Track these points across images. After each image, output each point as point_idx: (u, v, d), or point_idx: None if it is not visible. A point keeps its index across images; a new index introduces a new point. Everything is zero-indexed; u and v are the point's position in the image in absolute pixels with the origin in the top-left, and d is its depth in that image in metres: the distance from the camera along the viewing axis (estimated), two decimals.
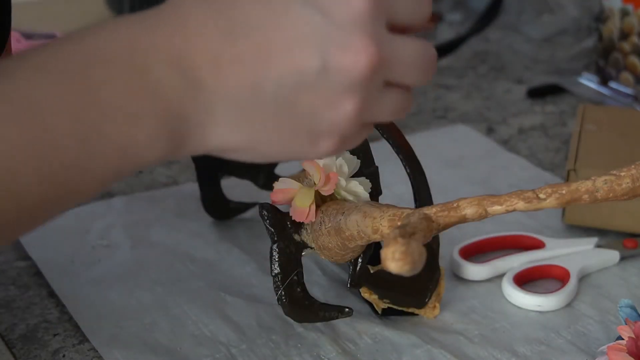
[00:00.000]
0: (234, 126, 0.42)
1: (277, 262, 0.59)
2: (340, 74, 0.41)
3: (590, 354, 0.60)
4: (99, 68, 0.39)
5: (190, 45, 0.40)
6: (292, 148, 0.44)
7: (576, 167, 0.73)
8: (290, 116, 0.42)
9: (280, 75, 0.41)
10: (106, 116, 0.39)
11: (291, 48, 0.41)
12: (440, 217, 0.51)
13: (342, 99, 0.42)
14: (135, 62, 0.40)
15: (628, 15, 0.99)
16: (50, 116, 0.38)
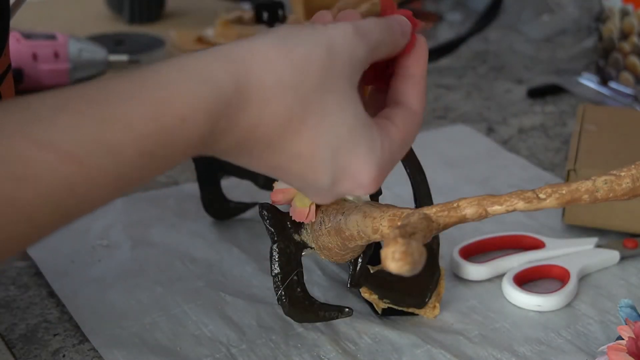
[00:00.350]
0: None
1: (277, 262, 0.59)
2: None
3: (590, 354, 0.60)
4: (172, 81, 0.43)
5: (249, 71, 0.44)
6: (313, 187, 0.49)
7: (576, 167, 0.73)
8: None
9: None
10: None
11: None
12: (440, 217, 0.51)
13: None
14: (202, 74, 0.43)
15: (628, 15, 0.99)
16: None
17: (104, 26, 1.18)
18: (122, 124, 0.40)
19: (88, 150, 0.40)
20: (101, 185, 0.41)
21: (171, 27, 1.17)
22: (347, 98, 0.46)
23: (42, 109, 0.40)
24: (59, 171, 0.39)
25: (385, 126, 0.49)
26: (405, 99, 0.51)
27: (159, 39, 1.14)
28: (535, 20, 1.20)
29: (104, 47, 1.03)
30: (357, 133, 0.47)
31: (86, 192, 0.41)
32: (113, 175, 0.41)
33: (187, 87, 0.42)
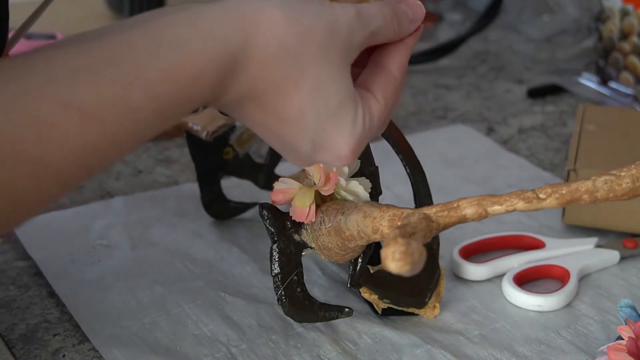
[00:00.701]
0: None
1: (277, 262, 0.59)
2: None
3: (590, 354, 0.60)
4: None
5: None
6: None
7: (576, 167, 0.73)
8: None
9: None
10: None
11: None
12: (440, 217, 0.51)
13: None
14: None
15: (628, 15, 0.99)
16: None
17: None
18: (140, 84, 0.42)
19: (110, 111, 0.41)
20: (121, 143, 0.43)
21: None
22: (341, 74, 0.48)
23: (64, 69, 0.41)
24: (84, 131, 0.41)
25: (366, 99, 0.50)
26: (387, 64, 0.51)
27: None
28: (535, 20, 1.20)
29: None
30: (345, 107, 0.48)
31: (108, 150, 0.43)
32: (132, 133, 0.43)
33: (200, 45, 0.44)
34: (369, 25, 0.49)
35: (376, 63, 0.51)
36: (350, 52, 0.48)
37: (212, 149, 0.72)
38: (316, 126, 0.48)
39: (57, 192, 0.42)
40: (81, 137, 0.41)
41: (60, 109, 0.40)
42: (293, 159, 0.51)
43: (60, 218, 0.76)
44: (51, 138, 0.40)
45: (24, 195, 0.41)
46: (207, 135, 0.71)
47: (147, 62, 0.43)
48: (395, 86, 0.51)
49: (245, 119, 0.49)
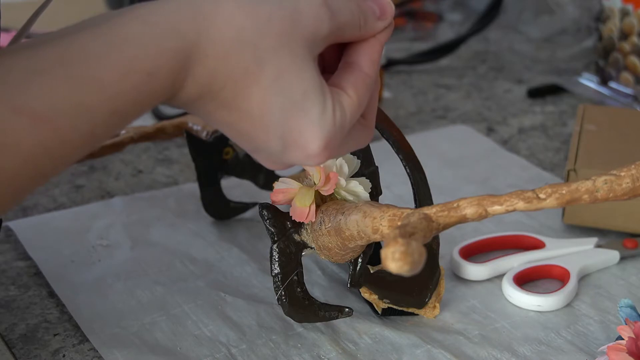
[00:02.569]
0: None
1: (277, 262, 0.59)
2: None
3: (590, 354, 0.60)
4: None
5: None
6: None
7: (576, 167, 0.73)
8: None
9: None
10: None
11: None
12: (440, 217, 0.51)
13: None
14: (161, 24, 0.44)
15: (628, 15, 0.99)
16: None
17: None
18: (94, 85, 0.41)
19: (63, 114, 0.41)
20: (75, 145, 0.42)
21: None
22: (304, 64, 0.46)
23: (15, 72, 0.40)
24: (36, 136, 0.40)
25: (336, 95, 0.48)
26: (358, 62, 0.49)
27: None
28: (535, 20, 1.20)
29: None
30: (310, 99, 0.46)
31: (61, 153, 0.42)
32: (86, 135, 0.42)
33: (153, 41, 0.42)
34: (336, 17, 0.47)
35: (346, 61, 0.50)
36: (315, 43, 0.46)
37: (212, 149, 0.72)
38: (281, 121, 0.46)
39: (10, 199, 0.42)
40: (34, 141, 0.40)
41: (11, 114, 0.39)
42: (264, 160, 0.50)
43: (60, 218, 0.76)
44: (3, 144, 0.39)
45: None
46: (207, 135, 0.71)
47: (100, 62, 0.41)
48: (366, 82, 0.49)
49: (209, 118, 0.47)
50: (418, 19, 1.30)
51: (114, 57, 0.42)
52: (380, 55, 0.50)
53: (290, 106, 0.46)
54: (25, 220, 0.75)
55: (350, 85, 0.48)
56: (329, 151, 0.48)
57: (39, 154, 0.40)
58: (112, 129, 0.43)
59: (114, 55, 0.42)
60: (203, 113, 0.47)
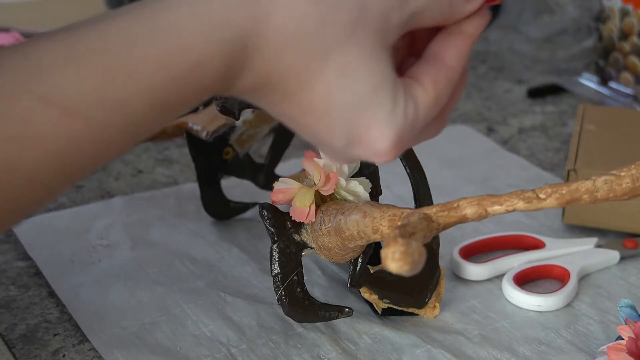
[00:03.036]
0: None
1: (277, 262, 0.59)
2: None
3: (590, 354, 0.60)
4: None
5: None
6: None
7: (576, 167, 0.73)
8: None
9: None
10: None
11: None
12: (440, 217, 0.51)
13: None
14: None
15: (628, 15, 0.99)
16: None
17: None
18: (130, 75, 0.38)
19: (93, 106, 0.38)
20: (109, 141, 0.39)
21: None
22: (373, 57, 0.42)
23: (43, 62, 0.38)
24: (64, 129, 0.37)
25: (411, 88, 0.44)
26: (444, 54, 0.45)
27: None
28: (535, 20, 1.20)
29: None
30: (379, 95, 0.42)
31: (94, 149, 0.39)
32: (122, 130, 0.39)
33: (202, 31, 0.39)
34: (409, 4, 0.42)
35: (430, 52, 0.46)
36: (386, 33, 0.42)
37: (212, 149, 0.72)
38: (347, 117, 0.42)
39: (41, 195, 0.39)
40: (61, 135, 0.37)
41: (37, 105, 0.37)
42: (329, 154, 0.46)
43: (60, 218, 0.76)
44: (25, 137, 0.37)
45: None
46: (207, 135, 0.71)
47: (138, 50, 0.38)
48: (449, 77, 0.45)
49: (270, 110, 0.44)
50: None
51: (155, 46, 0.38)
52: (471, 49, 0.46)
53: (357, 103, 0.42)
54: (25, 220, 0.75)
55: (430, 79, 0.45)
56: (399, 149, 0.44)
57: (69, 149, 0.38)
58: (154, 124, 0.40)
59: (155, 44, 0.38)
60: (263, 104, 0.44)
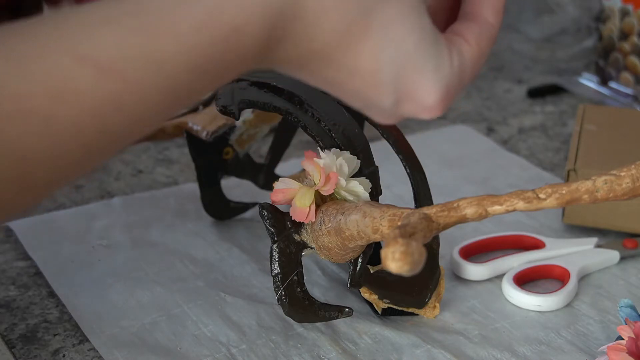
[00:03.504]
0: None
1: (277, 262, 0.59)
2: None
3: (590, 354, 0.60)
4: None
5: None
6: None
7: (576, 167, 0.73)
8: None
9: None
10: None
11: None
12: (440, 217, 0.51)
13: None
14: None
15: (628, 15, 0.99)
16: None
17: None
18: (168, 35, 0.38)
19: (131, 65, 0.38)
20: (149, 101, 0.39)
21: None
22: (415, 12, 0.42)
23: (82, 23, 0.38)
24: (101, 86, 0.38)
25: (455, 42, 0.45)
26: (480, 12, 0.46)
27: None
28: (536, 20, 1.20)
29: None
30: (424, 49, 0.43)
31: (133, 108, 0.39)
32: (161, 90, 0.39)
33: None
34: None
35: (467, 12, 0.46)
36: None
37: (212, 149, 0.72)
38: (394, 74, 0.42)
39: (81, 154, 0.39)
40: (98, 92, 0.37)
41: (74, 63, 0.37)
42: (377, 115, 0.46)
43: (60, 218, 0.76)
44: (64, 94, 0.37)
45: (35, 155, 0.37)
46: (207, 135, 0.71)
47: (176, 11, 0.38)
48: (491, 33, 0.46)
49: (312, 78, 0.43)
50: None
51: (192, 7, 0.38)
52: (504, 5, 0.47)
53: (403, 60, 0.42)
54: (25, 220, 0.75)
55: (472, 35, 0.45)
56: (447, 102, 0.44)
57: (107, 106, 0.38)
58: (196, 89, 0.40)
59: (192, 5, 0.38)
60: (305, 73, 0.43)
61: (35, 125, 0.37)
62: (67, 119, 0.37)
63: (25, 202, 0.39)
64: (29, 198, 0.39)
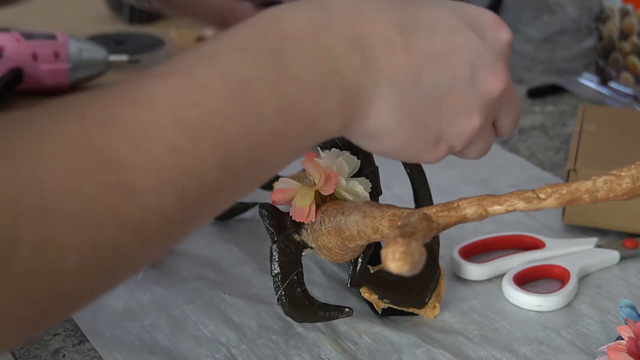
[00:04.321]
0: (391, 108, 0.46)
1: (277, 262, 0.59)
2: (482, 91, 0.48)
3: (590, 354, 0.60)
4: (290, 47, 0.43)
5: (368, 29, 0.45)
6: (420, 144, 0.49)
7: (576, 167, 0.73)
8: (434, 113, 0.47)
9: (438, 74, 0.46)
10: (300, 89, 0.43)
11: (451, 55, 0.46)
12: (440, 217, 0.51)
13: (475, 112, 0.48)
14: (319, 41, 0.44)
15: (628, 15, 0.99)
16: (255, 90, 0.41)
17: (104, 26, 1.18)
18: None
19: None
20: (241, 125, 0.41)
21: (171, 27, 1.17)
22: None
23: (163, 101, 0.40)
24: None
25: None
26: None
27: (159, 39, 1.14)
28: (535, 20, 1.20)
29: (104, 47, 1.03)
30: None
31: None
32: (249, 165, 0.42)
33: (321, 82, 0.43)
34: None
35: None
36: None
37: None
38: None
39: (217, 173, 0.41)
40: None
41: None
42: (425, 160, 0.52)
43: None
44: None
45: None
46: None
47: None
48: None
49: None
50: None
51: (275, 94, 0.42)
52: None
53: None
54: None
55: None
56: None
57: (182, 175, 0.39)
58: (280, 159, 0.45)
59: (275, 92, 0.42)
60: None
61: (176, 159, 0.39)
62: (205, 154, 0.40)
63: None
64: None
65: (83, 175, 0.36)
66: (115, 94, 0.39)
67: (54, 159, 0.36)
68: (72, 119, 0.37)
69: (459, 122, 0.48)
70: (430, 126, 0.48)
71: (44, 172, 0.35)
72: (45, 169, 0.35)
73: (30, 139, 0.36)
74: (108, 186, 0.37)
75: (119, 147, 0.37)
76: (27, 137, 0.36)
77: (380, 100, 0.45)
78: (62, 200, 0.35)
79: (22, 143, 0.36)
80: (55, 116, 0.37)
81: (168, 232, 0.40)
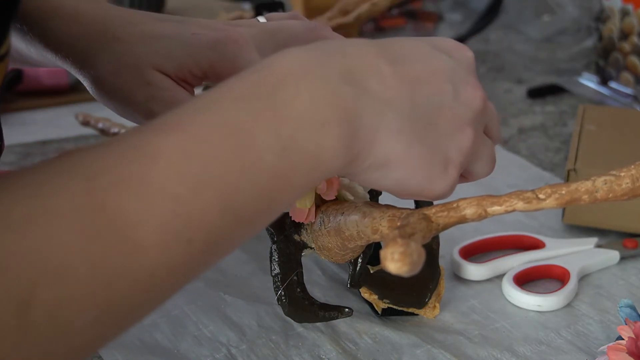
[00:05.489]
0: (397, 132, 0.46)
1: (277, 262, 0.59)
2: (467, 104, 0.49)
3: (590, 354, 0.60)
4: (286, 88, 0.43)
5: (358, 62, 0.46)
6: (430, 168, 0.49)
7: (576, 167, 0.73)
8: (434, 133, 0.48)
9: (429, 93, 0.48)
10: (299, 127, 0.43)
11: (433, 76, 0.48)
12: (440, 217, 0.50)
13: (467, 125, 0.49)
14: (314, 79, 0.44)
15: (628, 15, 0.99)
16: (253, 134, 0.42)
17: None
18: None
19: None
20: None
21: None
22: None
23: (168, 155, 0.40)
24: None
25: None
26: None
27: None
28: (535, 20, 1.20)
29: None
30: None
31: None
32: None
33: (322, 124, 0.44)
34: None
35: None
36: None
37: None
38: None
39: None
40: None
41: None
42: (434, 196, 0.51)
43: None
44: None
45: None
46: None
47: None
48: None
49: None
50: (418, 19, 1.30)
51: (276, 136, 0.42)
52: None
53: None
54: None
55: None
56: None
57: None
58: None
59: (276, 135, 0.42)
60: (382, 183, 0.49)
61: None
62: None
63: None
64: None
65: (94, 236, 0.37)
66: (117, 152, 0.40)
67: (66, 222, 0.37)
68: (78, 181, 0.38)
69: (456, 138, 0.49)
70: (435, 147, 0.48)
71: (58, 236, 0.36)
72: (58, 232, 0.36)
73: (44, 203, 0.37)
74: (118, 245, 0.38)
75: (125, 206, 0.38)
76: (41, 201, 0.37)
77: (384, 126, 0.46)
78: (75, 262, 0.36)
79: (37, 208, 0.37)
80: (61, 178, 0.38)
81: (176, 280, 0.41)
